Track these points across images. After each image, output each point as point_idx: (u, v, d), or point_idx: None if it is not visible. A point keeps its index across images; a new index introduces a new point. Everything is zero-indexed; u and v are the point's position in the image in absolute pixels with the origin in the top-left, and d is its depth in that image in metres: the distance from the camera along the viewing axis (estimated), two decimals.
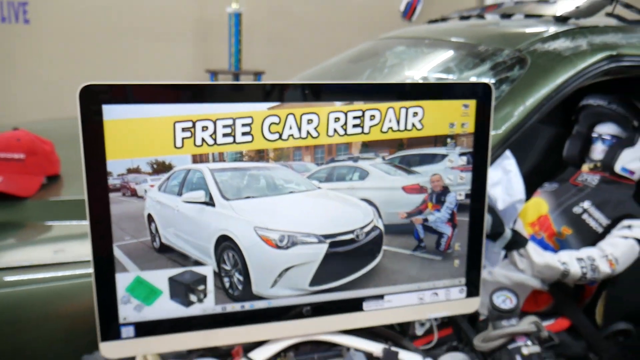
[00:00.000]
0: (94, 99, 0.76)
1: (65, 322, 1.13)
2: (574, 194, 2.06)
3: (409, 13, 4.01)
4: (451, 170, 0.95)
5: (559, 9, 1.88)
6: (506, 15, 2.12)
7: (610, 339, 1.93)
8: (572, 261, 1.79)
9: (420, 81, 1.71)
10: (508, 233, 1.64)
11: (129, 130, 0.79)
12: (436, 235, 0.97)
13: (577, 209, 1.99)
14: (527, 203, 2.13)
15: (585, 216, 1.97)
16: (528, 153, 2.52)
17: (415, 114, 0.90)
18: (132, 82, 0.79)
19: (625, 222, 1.90)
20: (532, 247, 1.79)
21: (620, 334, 1.95)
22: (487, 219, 1.62)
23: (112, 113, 0.77)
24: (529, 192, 2.18)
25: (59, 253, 1.21)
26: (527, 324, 0.94)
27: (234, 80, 3.66)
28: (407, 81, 1.77)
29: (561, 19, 1.81)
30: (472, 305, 1.00)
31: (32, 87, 3.60)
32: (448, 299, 0.98)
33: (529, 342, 0.91)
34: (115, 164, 0.79)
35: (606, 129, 2.06)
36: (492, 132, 1.44)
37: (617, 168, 1.99)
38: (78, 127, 0.77)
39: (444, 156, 0.94)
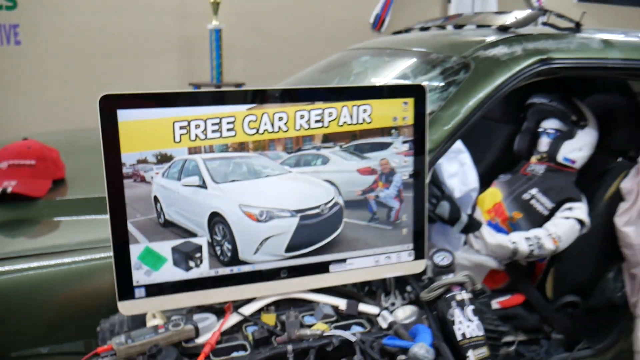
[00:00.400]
0: (110, 106, 0.97)
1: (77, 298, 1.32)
2: (524, 182, 2.30)
3: (378, 24, 4.31)
4: (396, 155, 1.16)
5: (502, 20, 2.12)
6: (459, 26, 2.36)
7: (560, 311, 2.16)
8: (520, 240, 2.03)
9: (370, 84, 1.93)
10: (464, 218, 1.87)
11: (138, 129, 0.99)
12: (386, 209, 1.18)
13: (526, 196, 2.23)
14: (484, 193, 2.37)
15: (533, 201, 2.21)
16: (488, 150, 2.75)
17: (365, 110, 1.12)
18: (140, 92, 0.99)
19: (567, 205, 2.14)
20: (485, 230, 2.02)
21: (569, 306, 2.18)
22: (446, 206, 1.84)
23: (124, 116, 0.98)
24: (489, 184, 2.41)
25: (66, 241, 1.40)
26: (461, 276, 1.14)
27: None
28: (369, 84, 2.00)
29: (503, 29, 2.04)
30: (419, 266, 1.21)
31: (24, 105, 3.72)
32: (399, 262, 1.19)
33: (463, 291, 1.12)
34: (128, 156, 0.99)
35: (550, 124, 2.31)
36: (450, 125, 1.68)
37: (560, 158, 2.24)
38: (98, 127, 0.97)
39: (389, 144, 1.15)
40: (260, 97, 1.06)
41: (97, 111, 0.95)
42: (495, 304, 2.18)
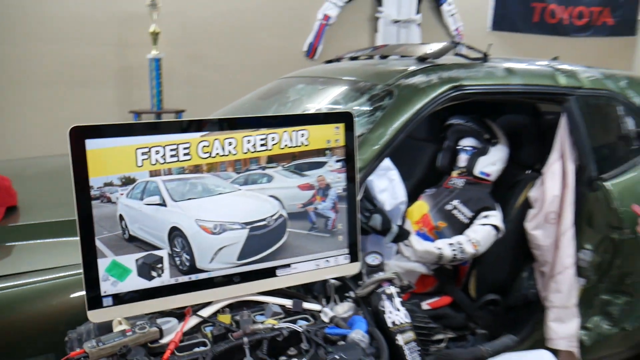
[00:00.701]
0: (79, 135, 1.09)
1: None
2: (446, 195, 2.54)
3: (311, 53, 4.55)
4: (331, 173, 1.32)
5: (421, 51, 2.37)
6: (384, 56, 2.60)
7: (483, 309, 2.40)
8: (445, 246, 2.26)
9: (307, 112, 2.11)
10: (395, 228, 2.08)
11: (104, 155, 1.11)
12: (324, 219, 1.33)
13: (448, 207, 2.47)
14: (413, 206, 2.59)
15: (455, 211, 2.45)
16: (415, 167, 2.99)
17: (302, 134, 1.29)
18: (105, 123, 1.12)
19: (484, 213, 2.40)
20: (414, 238, 2.24)
21: (490, 304, 2.42)
22: (378, 218, 2.03)
23: (92, 145, 1.09)
24: (417, 198, 2.64)
25: (19, 265, 1.49)
26: (389, 273, 1.33)
27: (157, 119, 3.90)
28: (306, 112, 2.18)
29: (422, 59, 2.28)
30: (354, 268, 1.38)
31: None
32: (337, 264, 1.35)
33: (391, 286, 1.30)
34: (95, 180, 1.11)
35: (467, 142, 2.57)
36: (378, 145, 1.87)
37: (477, 172, 2.49)
38: (68, 155, 1.09)
39: (325, 163, 1.32)
40: (211, 125, 1.21)
41: (67, 140, 1.07)
42: (426, 305, 2.39)
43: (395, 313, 1.25)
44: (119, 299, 1.15)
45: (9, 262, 1.55)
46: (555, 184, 2.28)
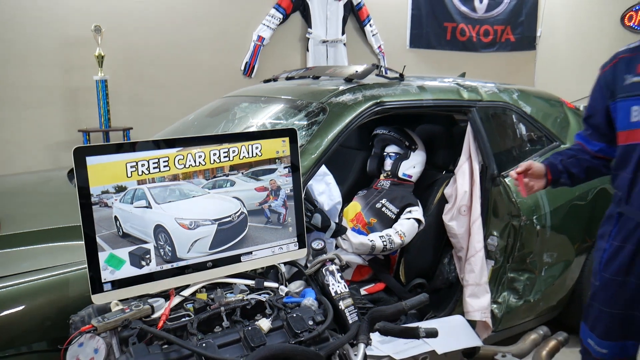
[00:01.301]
0: (81, 154, 1.34)
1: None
2: (376, 195, 2.88)
3: (248, 71, 4.77)
4: (280, 177, 1.61)
5: (348, 73, 2.70)
6: (316, 77, 2.89)
7: (412, 292, 2.71)
8: (376, 238, 2.58)
9: (260, 129, 2.39)
10: (333, 225, 2.38)
11: (101, 169, 1.36)
12: (277, 214, 1.62)
13: (378, 205, 2.80)
14: (348, 206, 2.91)
15: (383, 209, 2.78)
16: (349, 172, 3.30)
17: (257, 147, 1.58)
18: (101, 144, 1.37)
19: (408, 209, 2.74)
20: (350, 233, 2.55)
21: (418, 287, 2.75)
22: (318, 217, 2.33)
23: (91, 161, 1.35)
24: (352, 199, 2.95)
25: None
26: (330, 255, 1.64)
27: (105, 136, 3.99)
28: (252, 129, 2.45)
29: (348, 80, 2.61)
30: (302, 253, 1.67)
31: None
32: (288, 251, 1.65)
33: (332, 265, 1.62)
34: (95, 189, 1.36)
35: (391, 149, 2.92)
36: (315, 155, 2.15)
37: (400, 174, 2.85)
38: (73, 168, 1.34)
39: (275, 169, 1.61)
40: (185, 142, 1.49)
41: (72, 157, 1.33)
42: (363, 291, 2.69)
43: (337, 285, 1.57)
44: (116, 284, 1.40)
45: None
46: (465, 181, 2.62)
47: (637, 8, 4.55)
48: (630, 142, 1.81)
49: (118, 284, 1.40)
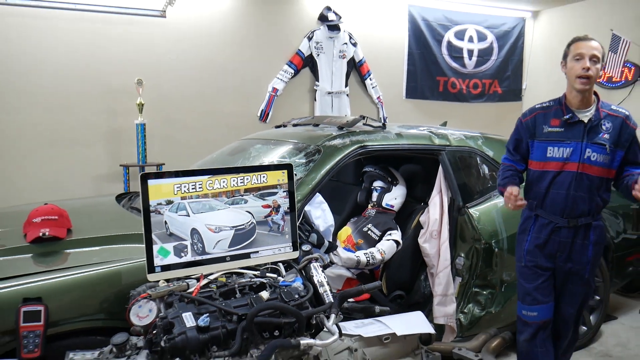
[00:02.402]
0: (145, 177, 1.97)
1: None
2: (363, 221, 3.44)
3: (264, 117, 5.37)
4: (280, 198, 2.20)
5: (340, 122, 3.31)
6: (316, 125, 3.48)
7: (393, 301, 3.22)
8: (361, 255, 3.13)
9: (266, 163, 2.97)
10: (326, 243, 2.94)
11: (157, 188, 1.99)
12: (277, 225, 2.19)
13: (365, 229, 3.36)
14: (342, 230, 3.48)
15: (369, 232, 3.34)
16: (345, 203, 3.85)
17: (264, 177, 2.19)
18: (158, 172, 2.00)
19: (388, 232, 3.29)
20: (340, 250, 3.11)
21: (398, 297, 3.27)
22: (314, 236, 2.90)
23: (151, 182, 1.98)
24: (345, 224, 3.50)
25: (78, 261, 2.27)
26: (316, 255, 2.21)
27: (141, 171, 4.62)
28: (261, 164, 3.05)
29: (340, 127, 3.20)
30: (295, 254, 2.23)
31: None
32: (285, 252, 2.23)
33: (317, 262, 2.19)
34: (153, 202, 1.98)
35: (377, 184, 3.50)
36: (310, 185, 2.73)
37: (384, 204, 3.41)
38: (139, 188, 1.96)
39: (277, 192, 2.19)
40: (213, 172, 2.12)
41: (139, 180, 1.96)
42: (351, 300, 3.24)
43: (319, 276, 2.12)
44: (164, 268, 2.00)
45: (74, 261, 2.33)
46: (436, 211, 3.17)
47: (604, 67, 5.16)
48: (545, 169, 2.61)
49: (165, 268, 2.00)
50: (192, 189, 2.06)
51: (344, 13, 5.45)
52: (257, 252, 2.17)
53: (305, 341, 1.81)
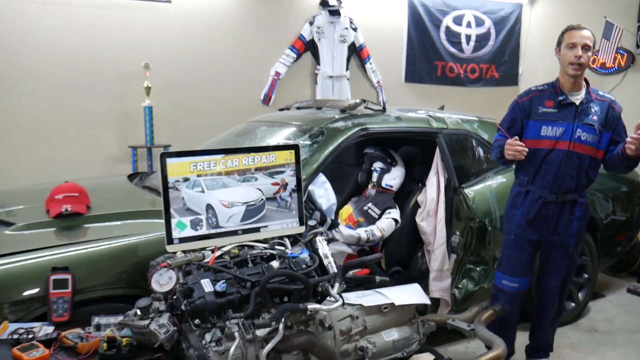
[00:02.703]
0: (163, 157, 2.13)
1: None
2: (364, 200, 3.60)
3: (266, 101, 5.49)
4: (287, 176, 2.34)
5: (342, 105, 3.45)
6: (319, 108, 3.63)
7: (391, 277, 3.39)
8: (361, 232, 3.29)
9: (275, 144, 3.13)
10: (329, 220, 3.11)
11: (175, 166, 2.15)
12: (285, 201, 2.35)
13: (365, 207, 3.53)
14: (342, 209, 3.63)
15: (369, 210, 3.50)
16: (347, 183, 3.99)
17: (273, 156, 2.35)
18: (175, 151, 2.16)
19: (387, 211, 3.44)
20: (341, 227, 3.27)
21: (395, 273, 3.44)
22: (317, 214, 3.07)
23: (169, 161, 2.13)
24: (346, 203, 3.66)
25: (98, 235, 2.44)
26: (321, 229, 2.38)
27: (149, 152, 4.73)
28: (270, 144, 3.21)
29: (342, 111, 3.35)
30: (302, 229, 2.40)
31: (12, 163, 4.49)
32: (292, 227, 2.40)
33: (322, 236, 2.36)
34: (171, 179, 2.14)
35: (377, 165, 3.64)
36: (314, 165, 2.89)
37: (383, 184, 3.56)
38: (158, 166, 2.11)
39: (284, 171, 2.36)
40: (226, 151, 2.27)
41: (158, 159, 2.11)
42: (352, 274, 3.42)
43: (323, 248, 2.30)
44: (181, 240, 2.17)
45: (94, 235, 2.50)
46: (433, 190, 3.32)
47: (597, 53, 5.30)
48: (538, 147, 2.77)
49: (182, 240, 2.16)
50: (207, 167, 2.22)
51: None
52: (267, 226, 2.34)
53: (312, 306, 1.98)
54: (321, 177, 3.18)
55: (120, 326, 1.95)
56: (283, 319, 1.91)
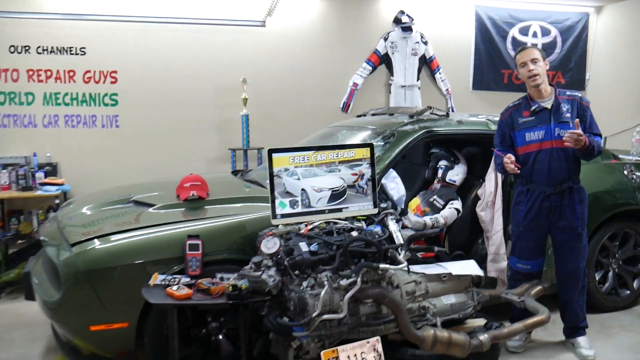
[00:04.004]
0: (270, 152, 2.77)
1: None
2: (430, 193, 4.07)
3: (345, 108, 6.06)
4: (364, 168, 2.91)
5: (410, 112, 3.99)
6: (391, 114, 4.20)
7: (453, 259, 3.86)
8: (427, 219, 3.78)
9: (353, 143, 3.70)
10: (399, 209, 3.63)
11: (278, 159, 2.77)
12: (362, 188, 2.93)
13: (431, 199, 4.00)
14: (412, 201, 4.14)
15: (434, 202, 3.98)
16: (416, 180, 4.48)
17: (352, 152, 2.92)
18: (279, 147, 2.79)
19: (450, 202, 3.90)
20: (410, 214, 3.78)
21: (457, 256, 3.89)
22: (389, 204, 3.61)
23: (275, 155, 2.76)
24: (415, 196, 4.17)
25: (216, 214, 3.13)
26: (391, 210, 2.93)
27: (245, 154, 5.43)
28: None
29: (410, 116, 3.89)
30: (375, 211, 2.94)
31: (124, 164, 5.24)
32: (367, 209, 2.96)
33: (392, 217, 2.91)
34: (275, 169, 2.77)
35: (442, 163, 4.11)
36: (386, 162, 3.46)
37: (447, 179, 4.02)
38: (265, 160, 2.76)
39: (362, 164, 2.93)
40: (317, 149, 2.88)
41: (266, 154, 2.76)
42: (419, 255, 3.92)
43: (392, 225, 2.85)
44: (282, 216, 2.79)
45: (214, 213, 3.17)
46: (491, 184, 3.73)
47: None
48: (528, 151, 3.23)
49: (283, 216, 2.79)
50: (302, 160, 2.83)
51: (416, 15, 6.02)
52: (347, 207, 2.91)
53: (383, 265, 2.54)
54: (392, 173, 3.68)
55: (239, 276, 2.59)
56: (360, 274, 2.48)
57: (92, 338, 2.78)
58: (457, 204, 3.90)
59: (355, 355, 2.51)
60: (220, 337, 2.81)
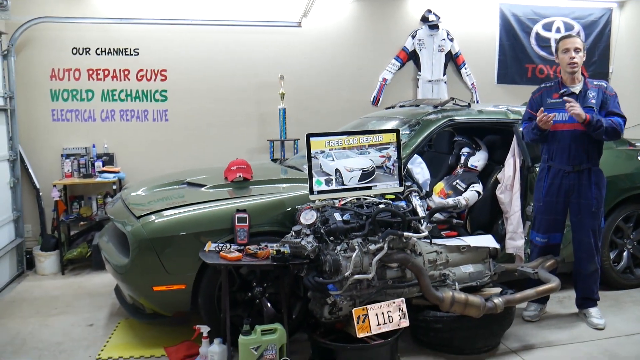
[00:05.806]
0: (308, 136, 3.13)
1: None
2: (453, 178, 4.37)
3: (375, 102, 6.38)
4: (391, 151, 3.26)
5: (435, 102, 4.30)
6: (417, 105, 4.52)
7: None
8: (450, 201, 4.08)
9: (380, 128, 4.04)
10: (424, 192, 3.96)
11: (315, 142, 3.12)
12: (389, 169, 3.25)
13: (454, 183, 4.30)
14: (436, 185, 4.44)
15: (457, 185, 4.28)
16: (441, 166, 4.76)
17: (380, 137, 3.25)
18: (316, 132, 3.16)
19: (472, 185, 4.19)
20: (434, 196, 4.10)
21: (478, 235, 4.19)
22: (415, 186, 3.94)
23: (313, 139, 3.12)
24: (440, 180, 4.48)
25: (259, 193, 3.51)
26: (414, 187, 3.26)
27: (282, 145, 5.82)
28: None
29: (434, 107, 4.20)
30: (400, 189, 3.26)
31: (172, 155, 5.65)
32: (394, 187, 3.29)
33: (415, 194, 3.24)
34: (313, 151, 3.11)
35: (464, 150, 4.40)
36: (412, 147, 3.79)
37: (469, 165, 4.31)
38: (301, 149, 3.13)
39: (389, 147, 3.26)
40: (349, 134, 3.23)
41: (305, 138, 3.12)
42: (443, 234, 4.24)
43: (416, 200, 3.18)
44: (319, 192, 3.15)
45: (258, 192, 3.57)
46: (510, 169, 4.00)
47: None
48: (552, 131, 3.47)
49: (319, 192, 3.15)
50: (336, 144, 3.19)
51: (443, 14, 6.28)
52: (376, 185, 3.25)
53: (407, 234, 2.88)
54: (418, 158, 4.00)
55: (282, 243, 2.97)
56: (387, 240, 2.83)
57: (155, 298, 3.19)
58: (478, 186, 4.18)
59: (382, 313, 2.86)
60: (264, 300, 3.18)
